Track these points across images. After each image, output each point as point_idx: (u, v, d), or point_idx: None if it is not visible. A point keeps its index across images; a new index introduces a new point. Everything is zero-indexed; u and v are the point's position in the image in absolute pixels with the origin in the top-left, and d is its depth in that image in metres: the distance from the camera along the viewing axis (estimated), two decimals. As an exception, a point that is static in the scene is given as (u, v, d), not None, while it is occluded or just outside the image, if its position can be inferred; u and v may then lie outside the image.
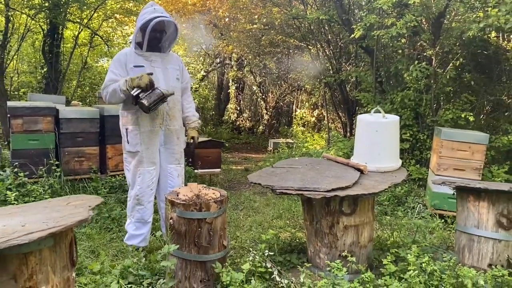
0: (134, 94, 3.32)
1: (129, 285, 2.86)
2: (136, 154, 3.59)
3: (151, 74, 3.40)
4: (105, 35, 11.46)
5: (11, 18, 9.12)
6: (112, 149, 5.53)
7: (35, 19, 9.22)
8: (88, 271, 3.15)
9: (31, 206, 2.58)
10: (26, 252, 1.97)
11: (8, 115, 5.28)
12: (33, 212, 2.33)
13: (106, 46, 11.85)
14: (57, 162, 5.16)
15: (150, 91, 3.33)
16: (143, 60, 3.56)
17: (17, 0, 8.76)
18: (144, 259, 3.29)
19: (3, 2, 8.17)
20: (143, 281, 2.92)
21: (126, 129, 3.61)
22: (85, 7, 8.76)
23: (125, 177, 3.87)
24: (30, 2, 8.50)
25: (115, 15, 10.48)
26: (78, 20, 9.60)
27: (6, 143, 7.81)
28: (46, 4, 8.31)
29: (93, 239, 3.94)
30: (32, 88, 10.74)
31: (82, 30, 10.12)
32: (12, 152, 5.23)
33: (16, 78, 10.94)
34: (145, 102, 3.31)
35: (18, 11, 8.87)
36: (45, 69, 9.96)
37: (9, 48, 9.87)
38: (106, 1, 9.40)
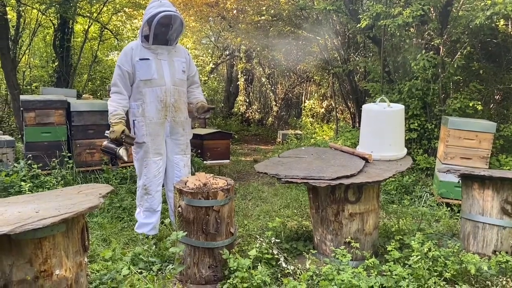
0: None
1: (140, 271, 2.95)
2: (142, 145, 3.68)
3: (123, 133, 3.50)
4: (114, 29, 11.55)
5: (23, 13, 9.26)
6: (122, 141, 5.62)
7: (45, 14, 9.33)
8: (100, 258, 3.25)
9: (45, 195, 2.68)
10: (41, 237, 2.07)
11: (21, 109, 5.41)
12: (46, 200, 2.43)
13: (116, 40, 11.95)
14: (69, 154, 5.29)
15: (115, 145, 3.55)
16: (149, 53, 3.62)
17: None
18: (154, 246, 3.39)
19: (14, -2, 8.29)
20: (153, 267, 3.01)
21: (133, 120, 3.71)
22: (94, 1, 8.86)
23: (135, 168, 3.96)
24: (41, -3, 8.61)
25: (124, 8, 10.56)
26: (88, 14, 9.70)
27: (19, 136, 7.97)
28: (56, -1, 8.41)
29: (105, 228, 4.05)
30: (44, 82, 10.89)
31: (92, 24, 10.22)
32: (26, 145, 5.36)
33: (28, 73, 11.10)
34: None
35: (29, 6, 8.99)
36: (56, 63, 10.10)
37: (21, 43, 10.03)
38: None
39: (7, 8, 8.32)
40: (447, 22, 6.02)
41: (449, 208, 4.79)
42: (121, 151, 3.56)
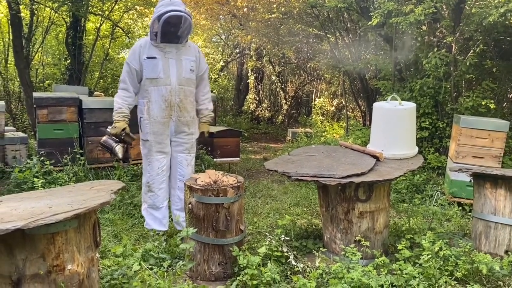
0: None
1: (150, 267, 2.98)
2: (147, 143, 3.75)
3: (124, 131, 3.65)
4: (126, 27, 11.62)
5: (36, 11, 9.36)
6: (133, 138, 5.67)
7: (58, 12, 9.42)
8: (111, 254, 3.28)
9: (57, 190, 2.71)
10: (53, 232, 2.09)
11: (34, 106, 5.47)
12: (59, 195, 2.46)
13: (127, 38, 12.02)
14: (81, 151, 5.34)
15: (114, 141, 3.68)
16: (157, 51, 3.63)
17: (41, -6, 8.97)
18: (164, 243, 3.41)
19: (27, -4, 8.39)
20: (164, 263, 3.03)
21: (140, 117, 3.77)
22: (105, -1, 8.92)
23: None
24: (53, -4, 8.69)
25: (136, 6, 10.61)
26: (100, 12, 9.77)
27: (32, 133, 8.07)
28: (69, -3, 8.48)
29: (116, 224, 4.08)
30: (56, 79, 11.00)
31: (103, 22, 10.29)
32: (38, 141, 5.43)
33: (41, 70, 11.22)
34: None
35: (42, 4, 9.08)
36: (68, 61, 10.20)
37: (34, 40, 10.14)
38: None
39: (21, 7, 8.41)
40: (460, 19, 5.95)
41: (460, 208, 4.75)
42: (118, 148, 3.63)
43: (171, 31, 3.61)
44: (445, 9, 6.25)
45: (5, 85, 10.48)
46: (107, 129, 3.68)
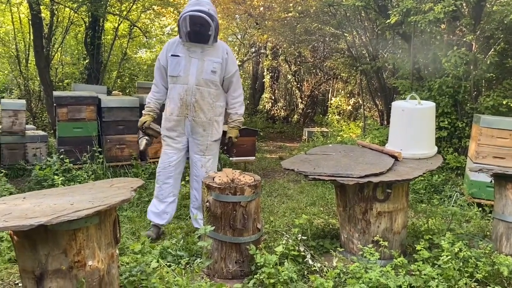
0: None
1: (168, 264, 3.01)
2: (162, 137, 3.86)
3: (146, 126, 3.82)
4: (143, 27, 11.73)
5: (56, 11, 9.52)
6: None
7: (77, 12, 9.57)
8: (129, 251, 3.32)
9: (78, 188, 2.76)
10: (75, 228, 2.13)
11: (54, 105, 5.57)
12: (80, 192, 2.50)
13: (145, 38, 12.14)
14: (99, 149, 5.41)
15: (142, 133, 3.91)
16: (183, 50, 3.67)
17: (61, -6, 9.11)
18: (182, 240, 3.44)
19: (48, -3, 8.54)
20: (181, 261, 3.06)
21: (163, 112, 3.88)
22: (124, -1, 9.02)
23: None
24: (73, -4, 8.83)
25: (153, 6, 10.71)
26: (118, 12, 9.88)
27: (52, 131, 8.21)
28: (88, -2, 8.61)
29: (134, 222, 4.13)
30: (75, 78, 11.17)
31: (121, 22, 10.41)
32: (58, 140, 5.53)
33: (61, 69, 11.40)
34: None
35: (62, 4, 9.23)
36: (87, 61, 10.35)
37: (54, 40, 10.31)
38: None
39: (41, 7, 8.56)
40: (480, 17, 5.86)
41: (480, 208, 4.67)
42: (141, 140, 3.85)
43: (197, 30, 3.59)
44: (465, 7, 6.16)
45: (26, 84, 10.68)
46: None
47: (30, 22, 9.19)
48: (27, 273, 2.16)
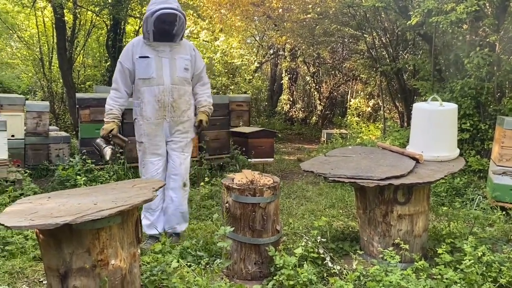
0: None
1: (188, 264, 3.03)
2: (141, 145, 3.65)
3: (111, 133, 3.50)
4: (163, 29, 11.85)
5: (78, 15, 9.72)
6: (170, 138, 5.79)
7: (99, 15, 9.74)
8: (150, 251, 3.37)
9: (101, 188, 2.81)
10: (98, 228, 2.17)
11: (77, 106, 5.68)
12: (103, 193, 2.55)
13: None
14: (121, 150, 5.48)
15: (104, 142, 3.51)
16: (150, 51, 3.50)
17: (83, -2, 9.31)
18: (202, 240, 3.47)
19: (71, 1, 8.71)
20: (201, 261, 3.08)
21: (135, 119, 3.67)
22: (145, 2, 9.13)
23: None
24: (95, 0, 9.00)
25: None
26: (139, 15, 10.03)
27: (74, 132, 8.37)
28: (110, 1, 8.77)
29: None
30: (96, 81, 11.38)
31: (141, 24, 10.54)
32: (80, 141, 5.64)
33: (83, 72, 11.63)
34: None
35: (84, 8, 9.42)
36: (108, 63, 10.53)
37: (76, 43, 10.52)
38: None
39: (65, 11, 8.75)
40: (504, 17, 5.74)
41: (504, 212, 4.58)
42: (106, 150, 3.45)
43: (164, 29, 3.46)
44: (488, 7, 6.05)
45: (49, 86, 10.92)
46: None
47: (54, 25, 9.42)
48: (52, 271, 2.21)
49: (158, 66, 3.50)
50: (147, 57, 3.49)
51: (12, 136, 5.84)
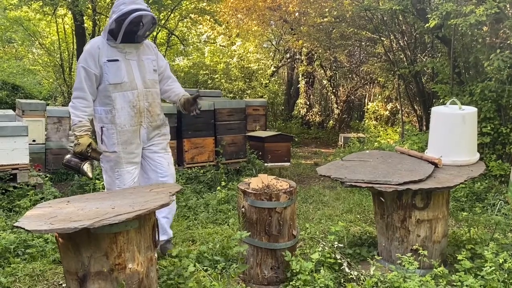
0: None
1: (205, 269, 3.04)
2: (113, 154, 3.33)
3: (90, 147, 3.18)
4: (180, 35, 11.99)
5: (97, 21, 9.88)
6: (188, 142, 5.85)
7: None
8: (167, 255, 3.39)
9: (119, 192, 2.85)
10: (116, 232, 2.20)
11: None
12: (121, 197, 2.58)
13: (182, 45, 12.39)
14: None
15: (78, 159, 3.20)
16: (117, 53, 3.27)
17: (103, 5, 9.46)
18: (218, 245, 3.48)
19: (90, 8, 8.87)
20: (217, 266, 3.09)
21: (102, 127, 3.34)
22: (162, 8, 9.26)
23: (200, 168, 3.94)
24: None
25: (190, 15, 10.93)
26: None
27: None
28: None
29: (171, 226, 4.20)
30: (115, 86, 11.53)
31: (160, 30, 10.68)
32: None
33: (102, 78, 11.81)
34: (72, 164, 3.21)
35: (103, 14, 9.57)
36: (126, 69, 10.66)
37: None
38: (182, 2, 9.83)
39: (84, 18, 8.92)
40: (526, 19, 5.63)
41: (526, 218, 4.47)
42: (86, 167, 3.19)
43: (133, 30, 3.26)
44: (508, 9, 5.94)
45: (69, 91, 11.12)
46: (69, 146, 3.29)
47: (74, 32, 9.59)
48: (71, 274, 2.25)
49: (128, 69, 3.30)
50: (117, 60, 3.26)
51: (33, 141, 5.97)
